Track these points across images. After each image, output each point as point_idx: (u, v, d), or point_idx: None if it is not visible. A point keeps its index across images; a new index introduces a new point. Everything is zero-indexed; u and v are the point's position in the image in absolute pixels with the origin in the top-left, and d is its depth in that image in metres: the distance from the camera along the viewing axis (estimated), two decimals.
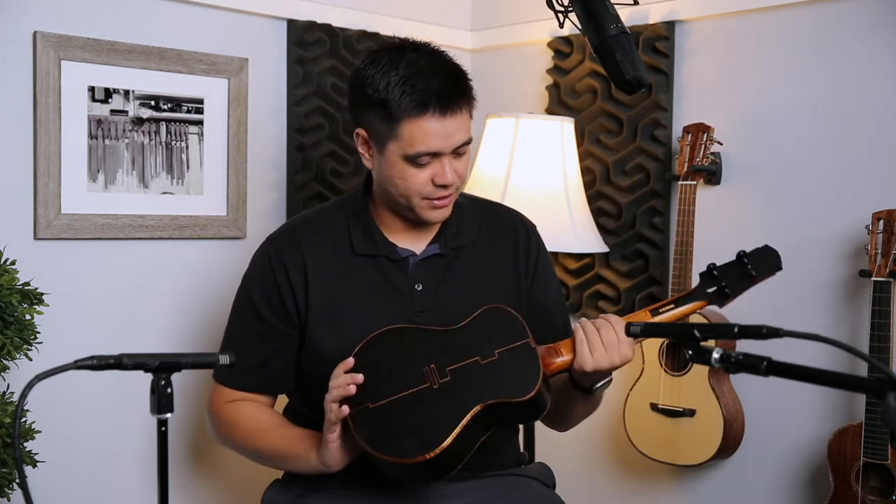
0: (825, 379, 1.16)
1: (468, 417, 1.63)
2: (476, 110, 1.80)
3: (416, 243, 1.87)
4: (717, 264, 1.77)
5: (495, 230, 1.94)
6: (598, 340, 1.70)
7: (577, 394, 1.80)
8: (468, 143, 1.78)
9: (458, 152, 1.76)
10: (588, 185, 2.73)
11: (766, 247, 1.78)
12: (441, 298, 1.84)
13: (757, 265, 1.75)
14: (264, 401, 1.91)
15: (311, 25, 2.66)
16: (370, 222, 1.86)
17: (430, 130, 1.70)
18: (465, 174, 1.81)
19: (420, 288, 1.84)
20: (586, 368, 1.70)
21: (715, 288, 1.76)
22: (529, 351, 1.69)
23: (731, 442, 2.46)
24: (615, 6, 1.86)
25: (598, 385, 1.78)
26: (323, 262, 1.85)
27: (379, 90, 1.71)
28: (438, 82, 1.70)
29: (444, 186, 1.75)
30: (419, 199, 1.77)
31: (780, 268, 1.76)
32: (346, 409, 1.63)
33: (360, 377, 1.66)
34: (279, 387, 1.92)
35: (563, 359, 1.72)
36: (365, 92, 1.74)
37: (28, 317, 1.95)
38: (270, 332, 1.85)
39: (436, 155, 1.73)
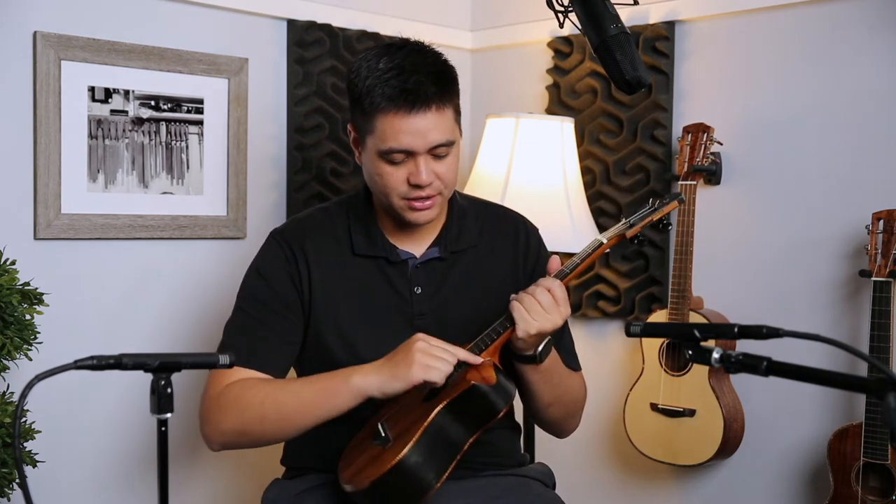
0: (825, 379, 1.16)
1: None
2: (475, 110, 1.79)
3: (416, 246, 1.87)
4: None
5: (496, 233, 1.94)
6: (537, 305, 1.71)
7: (526, 368, 1.80)
8: (448, 144, 1.74)
9: (436, 153, 1.74)
10: (588, 185, 2.73)
11: (671, 195, 1.91)
12: (440, 302, 1.84)
13: (661, 204, 1.88)
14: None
15: (311, 25, 2.66)
16: (372, 223, 1.86)
17: (399, 127, 1.70)
18: (448, 177, 1.77)
19: (419, 291, 1.84)
20: (531, 332, 1.70)
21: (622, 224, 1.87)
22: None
23: (731, 442, 2.46)
24: (615, 6, 1.86)
25: (541, 348, 1.77)
26: (324, 260, 1.85)
27: (359, 84, 1.73)
28: (414, 79, 1.69)
29: (420, 187, 1.73)
30: (398, 198, 1.76)
31: (682, 200, 1.96)
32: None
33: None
34: (286, 369, 1.85)
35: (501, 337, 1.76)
36: (350, 87, 1.77)
37: (28, 317, 1.95)
38: (282, 308, 1.82)
39: (410, 154, 1.72)
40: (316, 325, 1.84)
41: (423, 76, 1.70)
